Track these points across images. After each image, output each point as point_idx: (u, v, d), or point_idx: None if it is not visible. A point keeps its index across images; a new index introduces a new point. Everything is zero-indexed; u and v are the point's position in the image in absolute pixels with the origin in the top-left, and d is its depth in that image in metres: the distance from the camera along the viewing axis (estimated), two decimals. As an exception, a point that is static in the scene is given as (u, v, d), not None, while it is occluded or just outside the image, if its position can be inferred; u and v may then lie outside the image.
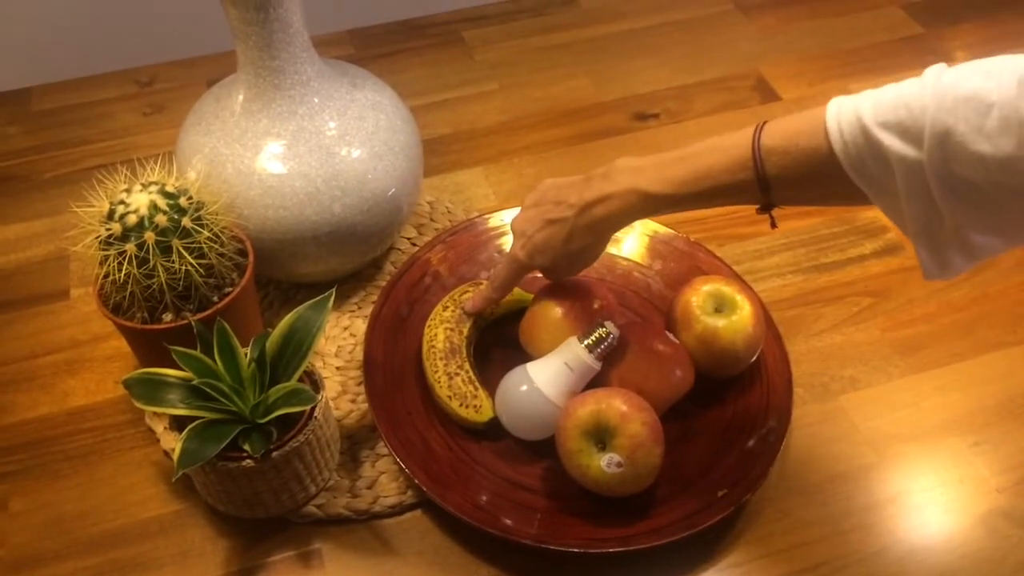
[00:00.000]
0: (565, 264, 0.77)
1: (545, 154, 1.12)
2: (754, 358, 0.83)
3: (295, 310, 0.75)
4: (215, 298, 0.78)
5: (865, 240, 1.00)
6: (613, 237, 0.94)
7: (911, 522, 0.78)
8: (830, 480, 0.80)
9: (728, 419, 0.82)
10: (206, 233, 0.75)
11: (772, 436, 0.79)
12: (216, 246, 0.76)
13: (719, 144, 0.64)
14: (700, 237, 0.97)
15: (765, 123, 0.63)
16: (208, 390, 0.71)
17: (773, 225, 0.69)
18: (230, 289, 0.78)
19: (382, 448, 0.81)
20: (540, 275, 0.82)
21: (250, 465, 0.71)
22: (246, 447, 0.70)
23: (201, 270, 0.75)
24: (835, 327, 0.92)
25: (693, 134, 1.14)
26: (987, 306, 0.93)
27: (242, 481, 0.72)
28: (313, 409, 0.74)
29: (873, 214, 1.02)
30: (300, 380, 0.74)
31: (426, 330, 0.85)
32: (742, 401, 0.83)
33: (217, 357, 0.72)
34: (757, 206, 0.66)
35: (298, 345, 0.74)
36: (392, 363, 0.85)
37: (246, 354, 0.74)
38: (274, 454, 0.71)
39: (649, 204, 0.68)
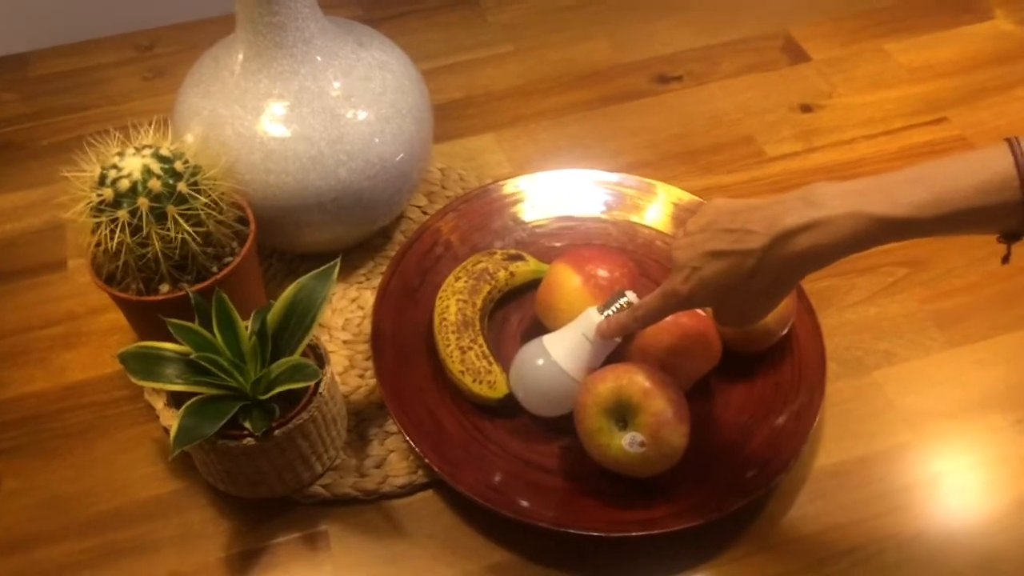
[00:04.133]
0: (738, 307, 0.64)
1: (562, 119, 1.08)
2: (785, 331, 0.79)
3: (298, 281, 0.71)
4: (214, 268, 0.74)
5: (900, 207, 0.95)
6: (636, 204, 0.91)
7: (950, 504, 0.74)
8: (864, 460, 0.76)
9: (757, 396, 0.78)
10: (203, 199, 0.71)
11: (804, 413, 0.75)
12: (214, 213, 0.72)
13: (958, 163, 0.55)
14: (726, 204, 0.92)
15: (1017, 138, 0.54)
16: (207, 365, 0.67)
17: (1007, 259, 0.59)
18: (230, 259, 0.75)
19: (391, 426, 0.78)
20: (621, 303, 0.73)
21: (251, 444, 0.67)
22: (247, 425, 0.67)
23: (198, 238, 0.71)
24: (869, 299, 0.88)
25: (719, 97, 1.09)
26: (1030, 276, 0.88)
27: (243, 460, 0.69)
28: (317, 385, 0.70)
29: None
30: (304, 354, 0.71)
31: (437, 302, 0.81)
32: (772, 376, 0.79)
33: (216, 330, 0.69)
34: (999, 235, 0.57)
35: (301, 317, 0.70)
36: (402, 337, 0.81)
37: (247, 327, 0.70)
38: (276, 432, 0.67)
39: (879, 230, 0.56)
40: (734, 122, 1.06)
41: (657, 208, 0.91)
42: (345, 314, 0.87)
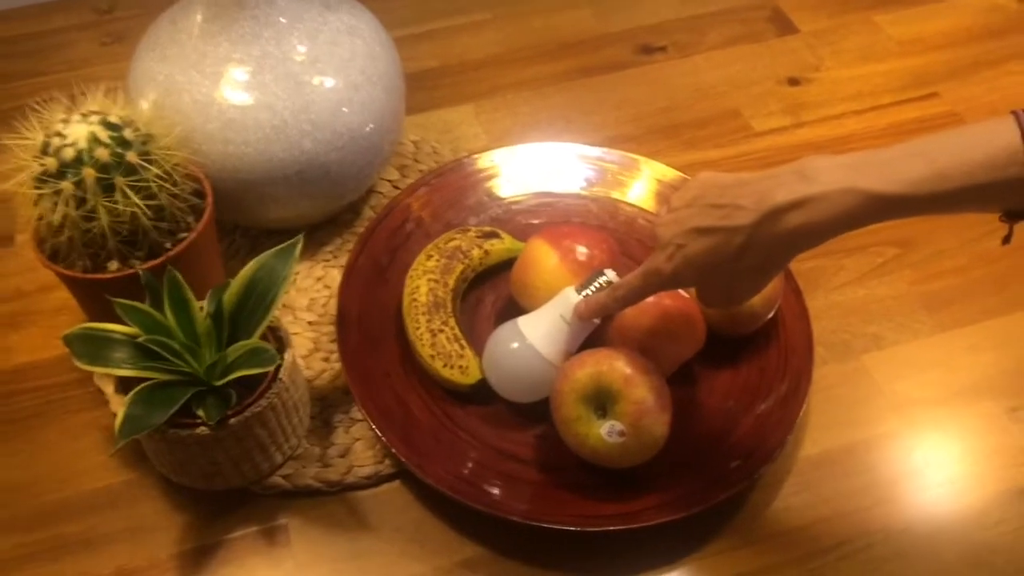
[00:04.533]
0: (724, 286, 0.60)
1: (542, 90, 1.04)
2: (771, 314, 0.75)
3: (257, 258, 0.67)
4: (168, 244, 0.69)
5: (890, 185, 0.92)
6: (618, 180, 0.87)
7: (940, 496, 0.71)
8: (851, 449, 0.73)
9: (742, 382, 0.75)
10: (155, 170, 0.66)
11: (790, 400, 0.72)
12: (167, 185, 0.68)
13: (960, 137, 0.52)
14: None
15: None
16: (156, 349, 0.63)
17: (1008, 240, 0.56)
18: (185, 234, 0.70)
19: (357, 412, 0.74)
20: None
21: (205, 433, 0.63)
22: (200, 412, 0.63)
23: (149, 212, 0.67)
24: (857, 280, 0.85)
25: (704, 69, 1.05)
26: (1023, 258, 0.85)
27: (196, 450, 0.65)
28: (278, 370, 0.66)
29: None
30: (263, 337, 0.67)
31: (407, 282, 0.77)
32: (757, 362, 0.76)
33: (168, 311, 0.64)
34: (1001, 214, 0.54)
35: (261, 298, 0.66)
36: (369, 318, 0.77)
37: (202, 308, 0.66)
38: (232, 421, 0.63)
39: (874, 208, 0.52)
40: (720, 95, 1.03)
41: (640, 184, 0.88)
42: (310, 293, 0.83)
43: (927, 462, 0.73)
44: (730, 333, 0.76)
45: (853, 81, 1.04)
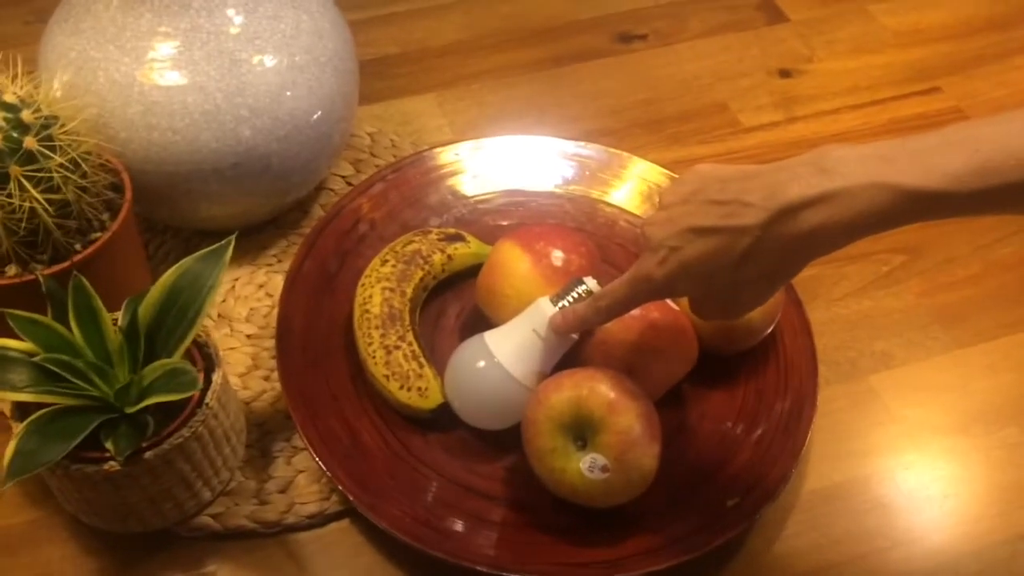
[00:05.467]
0: (723, 297, 0.54)
1: (511, 79, 0.96)
2: (770, 329, 0.67)
3: (180, 262, 0.58)
4: (78, 246, 0.60)
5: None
6: (597, 177, 0.79)
7: (966, 538, 0.64)
8: (862, 482, 0.66)
9: (738, 406, 0.67)
10: (58, 159, 0.57)
11: (793, 427, 0.65)
12: (74, 176, 0.58)
13: (1004, 124, 0.45)
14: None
15: None
16: (57, 369, 0.53)
17: None
18: (98, 235, 0.61)
19: (300, 440, 0.64)
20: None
21: (114, 468, 0.54)
22: (108, 445, 0.53)
23: (51, 208, 0.57)
24: (862, 290, 0.77)
25: (687, 59, 0.98)
26: (1041, 266, 0.78)
27: (106, 488, 0.55)
28: (204, 393, 0.57)
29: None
30: (189, 355, 0.58)
31: (359, 290, 0.69)
32: (754, 383, 0.68)
33: (74, 324, 0.55)
34: None
35: (183, 309, 0.57)
36: (315, 332, 0.69)
37: (116, 321, 0.56)
38: (148, 454, 0.54)
39: (907, 206, 0.46)
40: (705, 87, 0.95)
41: (622, 183, 0.80)
42: (250, 303, 0.74)
43: (947, 496, 0.66)
44: (724, 350, 0.68)
45: (848, 74, 0.97)
